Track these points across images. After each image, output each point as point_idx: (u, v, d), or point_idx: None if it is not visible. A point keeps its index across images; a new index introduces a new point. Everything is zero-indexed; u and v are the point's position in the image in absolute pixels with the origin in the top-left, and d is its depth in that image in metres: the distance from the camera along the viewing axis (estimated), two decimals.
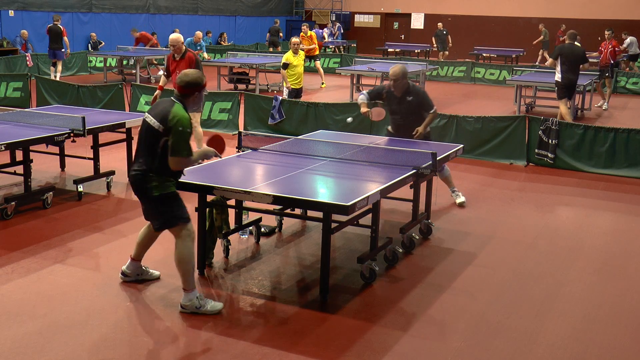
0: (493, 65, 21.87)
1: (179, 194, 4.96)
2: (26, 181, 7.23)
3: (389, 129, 7.67)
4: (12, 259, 5.83)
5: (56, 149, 8.55)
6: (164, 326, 4.76)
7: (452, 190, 7.88)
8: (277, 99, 11.66)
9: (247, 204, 6.02)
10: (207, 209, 5.68)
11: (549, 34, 26.47)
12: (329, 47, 27.72)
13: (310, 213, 6.22)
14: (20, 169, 7.44)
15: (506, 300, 5.36)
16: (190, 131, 4.81)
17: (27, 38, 20.49)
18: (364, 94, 7.49)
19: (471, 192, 8.37)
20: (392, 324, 4.88)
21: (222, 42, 28.11)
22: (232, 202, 5.82)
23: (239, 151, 6.49)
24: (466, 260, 6.14)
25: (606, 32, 16.36)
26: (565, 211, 8.06)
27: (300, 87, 12.69)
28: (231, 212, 6.08)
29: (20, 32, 20.55)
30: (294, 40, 12.51)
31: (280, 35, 27.17)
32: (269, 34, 27.02)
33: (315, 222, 6.42)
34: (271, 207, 6.12)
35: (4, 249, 6.04)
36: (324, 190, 5.37)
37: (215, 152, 5.09)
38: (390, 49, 27.84)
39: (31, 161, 7.35)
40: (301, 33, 18.41)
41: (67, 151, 8.63)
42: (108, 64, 20.20)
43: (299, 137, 7.27)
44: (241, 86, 17.68)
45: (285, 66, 12.33)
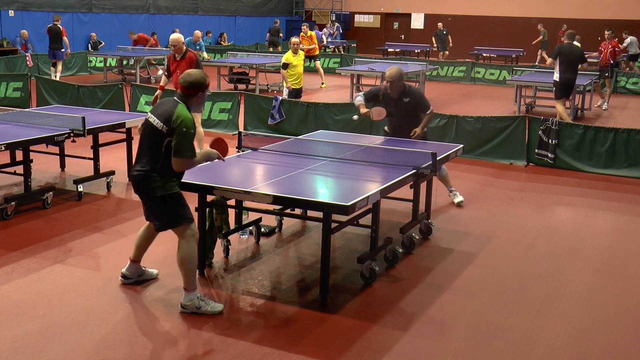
0: (493, 65, 21.88)
1: (182, 194, 4.96)
2: (26, 181, 7.23)
3: (386, 129, 7.68)
4: (12, 259, 5.83)
5: (56, 149, 8.55)
6: (164, 326, 4.76)
7: (449, 190, 7.89)
8: (277, 99, 11.65)
9: (247, 204, 6.02)
10: (207, 209, 5.68)
11: (547, 34, 26.48)
12: (329, 47, 27.73)
13: (310, 213, 6.22)
14: (20, 169, 7.44)
15: (506, 300, 5.36)
16: (194, 132, 4.80)
17: (27, 38, 20.49)
18: (360, 95, 7.51)
19: (471, 192, 8.37)
20: (392, 324, 4.88)
21: (222, 42, 28.11)
22: (232, 202, 5.82)
23: (239, 151, 6.49)
24: (466, 260, 6.14)
25: (606, 32, 16.37)
26: (565, 211, 8.06)
27: (300, 87, 12.69)
28: (231, 212, 6.08)
29: (20, 32, 20.56)
30: (294, 40, 12.52)
31: (280, 35, 27.18)
32: (269, 34, 27.03)
33: (315, 222, 6.42)
34: (271, 207, 6.12)
35: (4, 249, 6.04)
36: (324, 190, 5.37)
37: (219, 155, 5.08)
38: (390, 49, 27.84)
39: (31, 161, 7.35)
40: (301, 33, 18.42)
41: (67, 151, 8.63)
42: (108, 64, 20.20)
43: (299, 137, 7.27)
44: (241, 86, 17.68)
45: (285, 66, 12.33)
